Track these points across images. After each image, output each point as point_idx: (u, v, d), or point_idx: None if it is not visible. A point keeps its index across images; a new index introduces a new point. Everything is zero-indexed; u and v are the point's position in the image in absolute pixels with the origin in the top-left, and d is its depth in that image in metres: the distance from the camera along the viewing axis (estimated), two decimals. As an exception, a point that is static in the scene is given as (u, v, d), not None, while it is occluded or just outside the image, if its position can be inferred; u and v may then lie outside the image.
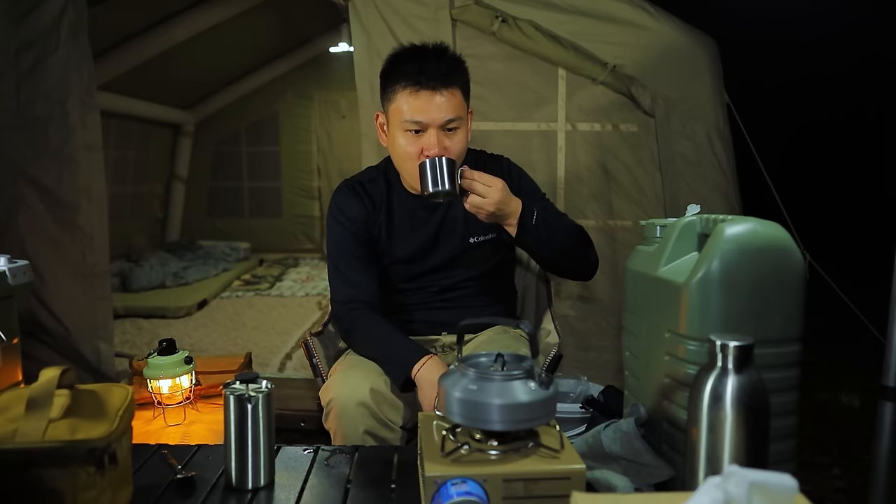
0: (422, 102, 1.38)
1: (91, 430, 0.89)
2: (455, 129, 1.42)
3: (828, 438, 2.58)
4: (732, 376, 0.85)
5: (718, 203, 2.38)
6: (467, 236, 1.55)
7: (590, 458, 1.09)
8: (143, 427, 1.59)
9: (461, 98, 1.43)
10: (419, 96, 1.38)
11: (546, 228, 1.43)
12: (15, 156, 2.38)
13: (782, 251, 1.02)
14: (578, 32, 2.35)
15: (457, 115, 1.40)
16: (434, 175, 1.33)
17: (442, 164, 1.33)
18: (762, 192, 2.54)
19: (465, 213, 1.53)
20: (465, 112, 1.46)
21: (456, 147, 1.42)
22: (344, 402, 1.34)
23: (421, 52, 1.43)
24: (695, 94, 2.39)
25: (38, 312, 2.46)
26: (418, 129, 1.41)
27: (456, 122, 1.41)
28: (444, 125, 1.40)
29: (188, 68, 5.10)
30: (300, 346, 3.43)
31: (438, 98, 1.38)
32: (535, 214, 1.41)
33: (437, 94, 1.38)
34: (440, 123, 1.39)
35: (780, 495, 0.63)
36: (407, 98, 1.40)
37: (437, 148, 1.39)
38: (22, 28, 2.35)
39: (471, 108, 1.51)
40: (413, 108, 1.39)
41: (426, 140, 1.40)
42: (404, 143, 1.43)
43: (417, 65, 1.39)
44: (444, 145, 1.40)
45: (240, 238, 6.21)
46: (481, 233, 1.56)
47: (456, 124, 1.41)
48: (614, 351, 2.47)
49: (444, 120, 1.39)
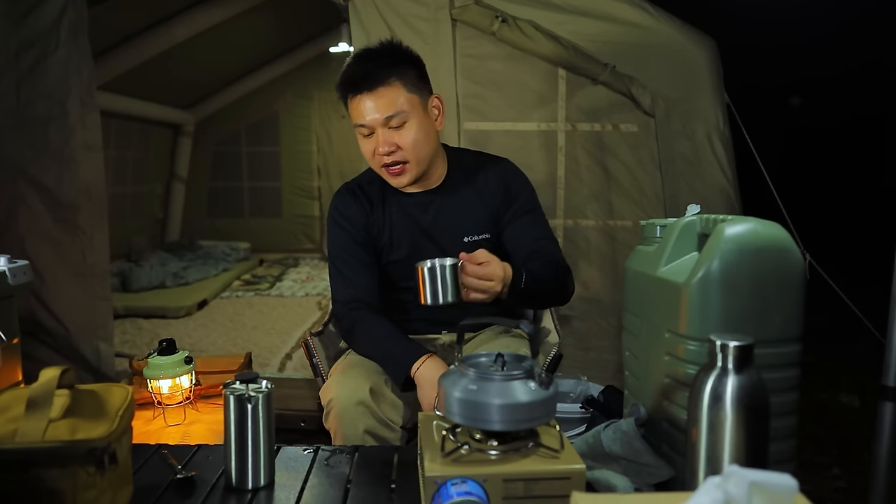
0: (360, 106, 1.42)
1: (91, 430, 0.89)
2: (402, 124, 1.42)
3: (828, 438, 2.58)
4: (732, 376, 0.85)
5: (718, 203, 2.38)
6: (461, 235, 1.55)
7: (590, 458, 1.09)
8: (143, 427, 1.59)
9: (402, 90, 1.42)
10: (357, 101, 1.43)
11: (535, 286, 1.40)
12: (15, 156, 2.38)
13: (782, 251, 1.02)
14: (578, 32, 2.35)
15: (396, 110, 1.40)
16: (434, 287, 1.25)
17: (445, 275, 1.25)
18: (762, 192, 2.54)
19: (458, 212, 1.55)
20: (417, 102, 1.44)
21: (406, 140, 1.42)
22: (344, 402, 1.34)
23: (358, 58, 1.46)
24: (695, 94, 2.39)
25: (38, 312, 2.46)
26: (368, 131, 1.44)
27: (398, 118, 1.41)
28: (386, 123, 1.41)
29: (188, 68, 5.10)
30: (300, 346, 3.43)
31: (373, 98, 1.40)
32: (524, 277, 1.37)
33: (372, 94, 1.40)
34: (381, 122, 1.41)
35: (780, 495, 0.63)
36: (351, 104, 1.45)
37: (386, 146, 1.42)
38: (22, 28, 2.35)
39: (435, 94, 1.50)
40: (355, 112, 1.44)
41: (375, 141, 1.43)
42: (361, 145, 1.48)
43: (351, 70, 1.44)
44: (393, 141, 1.42)
45: (240, 238, 6.21)
46: (475, 232, 1.56)
47: (399, 119, 1.41)
48: (614, 351, 2.47)
49: (384, 118, 1.41)
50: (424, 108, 1.46)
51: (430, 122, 1.48)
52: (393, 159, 1.44)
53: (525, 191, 1.60)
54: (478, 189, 1.57)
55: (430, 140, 1.47)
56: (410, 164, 1.45)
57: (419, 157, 1.45)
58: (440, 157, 1.56)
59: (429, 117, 1.48)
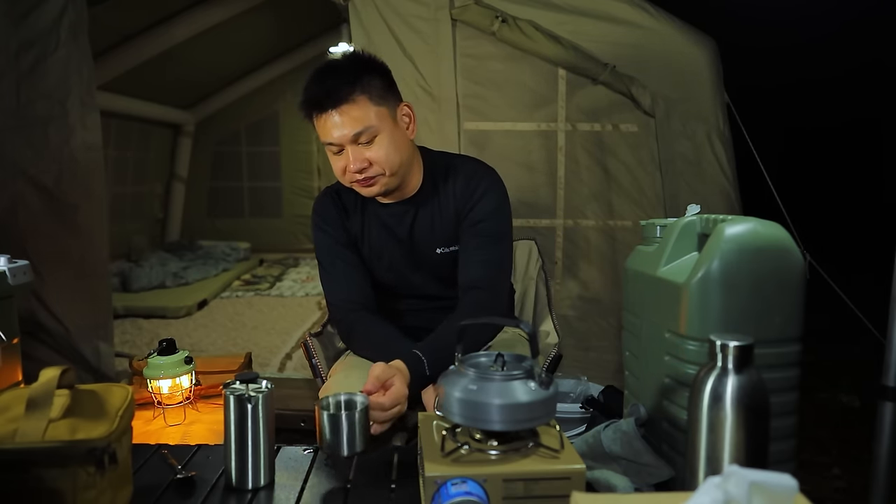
0: (326, 124, 1.36)
1: (91, 430, 0.89)
2: (372, 139, 1.36)
3: (828, 438, 2.58)
4: (732, 376, 0.85)
5: (718, 203, 2.38)
6: (433, 247, 1.50)
7: (590, 458, 1.09)
8: (143, 427, 1.59)
9: (369, 104, 1.35)
10: (322, 119, 1.37)
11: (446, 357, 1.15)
12: (15, 156, 2.38)
13: (782, 251, 1.02)
14: (578, 32, 2.35)
15: (364, 126, 1.34)
16: (336, 438, 1.06)
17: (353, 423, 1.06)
18: (762, 192, 2.54)
19: (431, 224, 1.50)
20: (386, 114, 1.38)
21: (378, 155, 1.37)
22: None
23: (318, 74, 1.39)
24: (695, 94, 2.39)
25: (38, 312, 2.46)
26: (337, 149, 1.38)
27: (367, 133, 1.35)
28: (355, 140, 1.36)
29: (188, 68, 5.10)
30: (300, 346, 3.43)
31: (337, 117, 1.35)
32: (427, 375, 1.29)
33: (336, 112, 1.34)
34: (350, 139, 1.36)
35: (780, 495, 0.63)
36: (317, 123, 1.38)
37: (357, 163, 1.36)
38: (22, 28, 2.35)
39: (404, 103, 1.44)
40: (323, 131, 1.38)
41: (346, 158, 1.38)
42: (332, 162, 1.42)
43: (313, 89, 1.37)
44: (364, 157, 1.37)
45: (240, 238, 6.21)
46: (446, 244, 1.50)
47: (368, 135, 1.35)
48: (614, 351, 2.47)
49: (353, 135, 1.35)
50: (394, 118, 1.40)
51: (401, 132, 1.42)
52: (365, 175, 1.39)
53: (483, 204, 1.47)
54: (448, 199, 1.50)
55: (403, 151, 1.41)
56: (384, 177, 1.40)
57: (393, 170, 1.39)
58: (416, 165, 1.49)
59: (399, 128, 1.41)
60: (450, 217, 1.49)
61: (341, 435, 1.05)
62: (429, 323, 1.48)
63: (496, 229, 1.48)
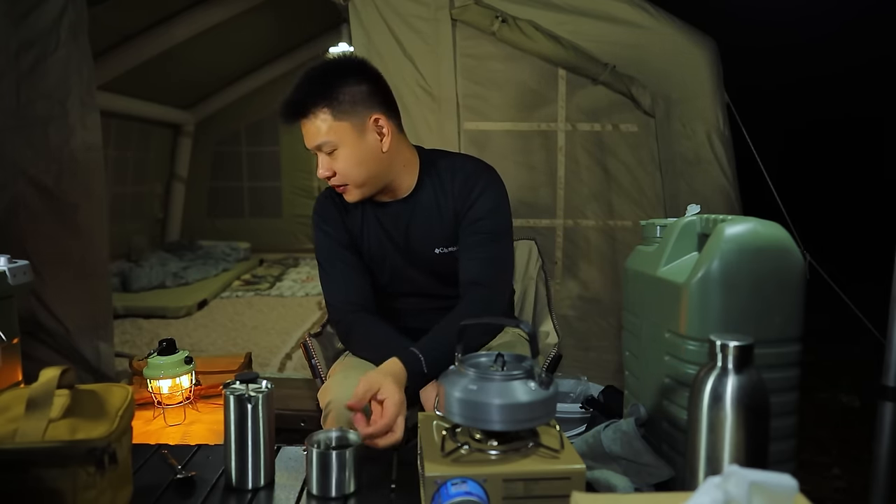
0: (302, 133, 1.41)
1: (91, 430, 0.89)
2: (334, 150, 1.38)
3: (828, 438, 2.58)
4: (732, 376, 0.85)
5: (718, 203, 2.38)
6: (432, 248, 1.50)
7: (590, 458, 1.09)
8: (143, 427, 1.59)
9: (329, 119, 1.36)
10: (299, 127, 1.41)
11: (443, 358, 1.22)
12: (15, 156, 2.38)
13: (782, 251, 1.02)
14: (578, 32, 2.35)
15: (324, 139, 1.37)
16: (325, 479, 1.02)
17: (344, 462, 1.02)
18: (762, 192, 2.54)
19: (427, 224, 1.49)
20: (348, 129, 1.37)
21: (338, 166, 1.39)
22: (343, 405, 1.33)
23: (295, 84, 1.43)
24: (695, 94, 2.39)
25: (38, 312, 2.46)
26: (314, 153, 1.43)
27: (328, 145, 1.37)
28: (319, 149, 1.39)
29: (188, 68, 5.10)
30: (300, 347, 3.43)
31: (303, 127, 1.40)
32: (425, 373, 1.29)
33: (302, 124, 1.40)
34: (315, 148, 1.40)
35: (780, 495, 0.63)
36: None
37: (323, 170, 1.40)
38: (22, 28, 2.34)
39: (376, 115, 1.39)
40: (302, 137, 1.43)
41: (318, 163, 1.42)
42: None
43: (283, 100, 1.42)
44: (329, 166, 1.39)
45: (240, 238, 6.21)
46: (445, 244, 1.50)
47: (329, 147, 1.37)
48: (614, 351, 2.47)
49: (315, 146, 1.39)
50: (360, 131, 1.38)
51: (368, 145, 1.39)
52: (332, 183, 1.42)
53: (482, 203, 1.47)
54: (445, 198, 1.49)
55: (369, 164, 1.40)
56: (350, 186, 1.42)
57: (356, 182, 1.41)
58: (401, 169, 1.47)
59: (365, 140, 1.39)
60: (449, 217, 1.48)
61: (330, 475, 1.02)
62: (428, 323, 1.46)
63: (495, 227, 1.47)
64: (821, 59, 6.88)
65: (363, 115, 1.38)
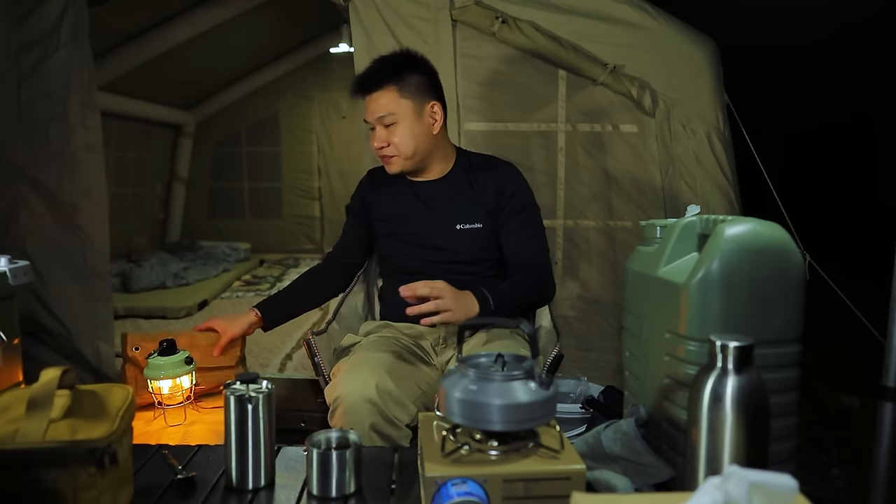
0: (364, 105, 1.64)
1: (91, 430, 0.89)
2: (393, 124, 1.60)
3: (828, 438, 2.58)
4: (732, 376, 0.85)
5: (718, 203, 2.38)
6: (454, 223, 1.66)
7: (590, 458, 1.09)
8: (143, 427, 1.59)
9: (396, 95, 1.59)
10: (364, 102, 1.64)
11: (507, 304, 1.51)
12: (15, 156, 2.38)
13: (782, 251, 1.02)
14: (578, 33, 2.35)
15: (388, 111, 1.59)
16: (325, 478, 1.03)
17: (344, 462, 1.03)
18: (762, 192, 2.54)
19: (453, 202, 1.67)
20: (410, 107, 1.60)
21: (393, 138, 1.60)
22: (352, 399, 1.35)
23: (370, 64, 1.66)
24: (695, 94, 2.39)
25: (38, 313, 2.46)
26: (370, 126, 1.64)
27: (389, 118, 1.59)
28: (380, 121, 1.60)
29: (189, 69, 5.10)
30: (301, 346, 3.43)
31: (371, 100, 1.61)
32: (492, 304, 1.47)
33: (369, 97, 1.61)
34: (376, 120, 1.61)
35: (780, 495, 0.63)
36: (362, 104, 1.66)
37: (378, 141, 1.62)
38: (22, 29, 2.35)
39: (435, 102, 1.64)
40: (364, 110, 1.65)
41: (374, 136, 1.63)
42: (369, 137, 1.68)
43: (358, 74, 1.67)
44: (384, 138, 1.61)
45: (240, 238, 6.21)
46: (467, 221, 1.66)
47: (390, 119, 1.59)
48: (614, 351, 2.47)
49: (376, 117, 1.60)
50: (418, 112, 1.61)
51: (423, 125, 1.62)
52: (383, 153, 1.63)
53: (519, 193, 1.69)
54: (475, 185, 1.69)
55: (419, 141, 1.62)
56: (398, 157, 1.63)
57: (406, 154, 1.62)
58: (439, 155, 1.70)
59: (422, 121, 1.62)
60: (476, 199, 1.67)
61: (331, 475, 1.02)
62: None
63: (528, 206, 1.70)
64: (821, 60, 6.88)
65: (423, 100, 1.62)
